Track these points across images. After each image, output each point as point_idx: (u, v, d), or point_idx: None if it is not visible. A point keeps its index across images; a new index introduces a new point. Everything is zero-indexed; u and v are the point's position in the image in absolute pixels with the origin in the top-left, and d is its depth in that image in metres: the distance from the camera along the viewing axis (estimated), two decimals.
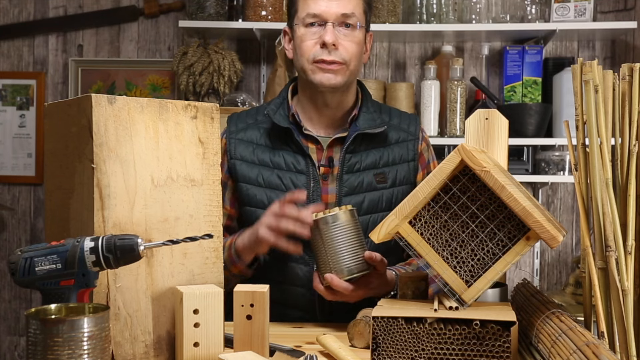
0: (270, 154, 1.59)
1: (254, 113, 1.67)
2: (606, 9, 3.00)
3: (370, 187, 1.58)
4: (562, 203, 3.05)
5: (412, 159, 1.64)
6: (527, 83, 2.84)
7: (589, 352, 0.91)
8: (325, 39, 1.52)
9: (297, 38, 1.58)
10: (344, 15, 1.54)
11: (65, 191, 1.13)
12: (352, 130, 1.58)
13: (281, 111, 1.60)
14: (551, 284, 3.05)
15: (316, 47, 1.54)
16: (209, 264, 1.21)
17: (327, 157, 1.59)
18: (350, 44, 1.55)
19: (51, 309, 0.94)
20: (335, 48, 1.53)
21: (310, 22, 1.55)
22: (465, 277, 1.18)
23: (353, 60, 1.56)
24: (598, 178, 1.07)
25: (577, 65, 1.12)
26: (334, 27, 1.54)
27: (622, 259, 1.04)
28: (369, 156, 1.60)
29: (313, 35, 1.55)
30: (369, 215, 1.58)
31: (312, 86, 1.57)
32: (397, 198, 1.59)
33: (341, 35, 1.54)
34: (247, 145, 1.61)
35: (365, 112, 1.61)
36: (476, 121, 1.39)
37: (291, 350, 1.21)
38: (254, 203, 1.58)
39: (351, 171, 1.58)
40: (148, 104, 1.13)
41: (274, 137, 1.61)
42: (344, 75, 1.55)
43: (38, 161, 3.17)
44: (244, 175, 1.59)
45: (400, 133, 1.64)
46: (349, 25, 1.55)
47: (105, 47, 3.16)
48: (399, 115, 1.68)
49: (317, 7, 1.54)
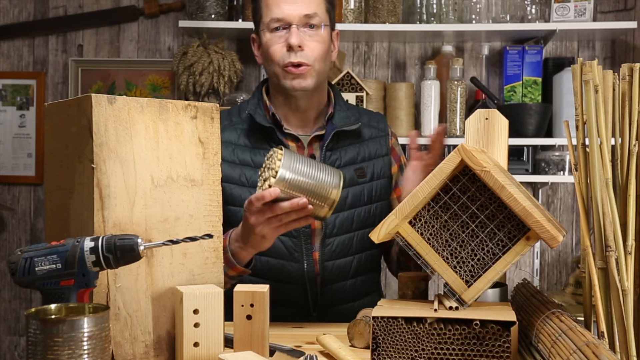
0: (251, 154, 1.61)
1: (226, 115, 1.68)
2: (606, 9, 3.00)
3: (352, 182, 1.62)
4: (562, 203, 3.05)
5: (386, 154, 1.71)
6: (527, 83, 2.84)
7: (589, 352, 0.91)
8: (290, 42, 1.55)
9: (264, 44, 1.61)
10: (306, 16, 1.57)
11: (65, 191, 1.13)
12: (330, 128, 1.62)
13: (259, 111, 1.63)
14: (551, 284, 3.05)
15: (283, 50, 1.57)
16: (209, 264, 1.21)
17: (309, 155, 1.62)
18: (316, 44, 1.58)
19: (51, 309, 0.94)
20: (301, 49, 1.56)
21: (275, 26, 1.58)
22: (465, 277, 1.18)
23: (319, 61, 1.59)
24: (598, 178, 1.07)
25: (577, 65, 1.12)
26: (298, 29, 1.57)
27: (622, 259, 1.04)
28: (348, 152, 1.64)
29: (279, 39, 1.58)
30: (354, 209, 1.62)
31: (284, 90, 1.61)
32: (376, 191, 1.66)
33: (306, 36, 1.58)
34: (225, 146, 1.61)
35: (340, 110, 1.66)
36: (476, 121, 1.39)
37: (291, 350, 1.21)
38: (238, 202, 1.58)
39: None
40: (148, 104, 1.13)
41: (253, 136, 1.63)
42: (312, 77, 1.59)
43: (38, 161, 3.17)
44: (227, 176, 1.60)
45: (372, 130, 1.71)
46: (312, 25, 1.58)
47: (105, 47, 3.16)
48: (367, 114, 1.76)
49: (279, 12, 1.57)
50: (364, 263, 1.65)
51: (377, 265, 1.71)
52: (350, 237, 1.61)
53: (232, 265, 1.47)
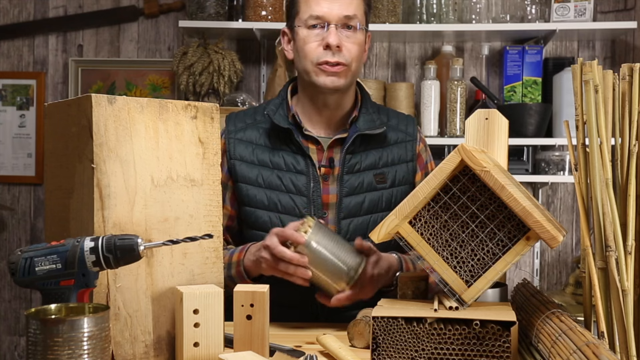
0: (270, 154, 1.59)
1: (252, 113, 1.67)
2: (606, 9, 3.01)
3: (370, 188, 1.59)
4: (562, 203, 3.05)
5: (411, 160, 1.65)
6: (527, 83, 2.84)
7: (589, 352, 0.91)
8: (329, 41, 1.53)
9: (299, 40, 1.58)
10: (346, 17, 1.55)
11: (65, 191, 1.13)
12: (352, 131, 1.59)
13: (281, 111, 1.61)
14: (551, 284, 3.05)
15: (319, 49, 1.55)
16: (209, 264, 1.21)
17: (327, 158, 1.59)
18: (353, 45, 1.56)
19: (51, 309, 0.94)
20: (339, 50, 1.54)
21: (313, 24, 1.55)
22: (465, 277, 1.18)
23: (355, 62, 1.57)
24: (598, 178, 1.07)
25: (577, 65, 1.12)
26: (337, 29, 1.54)
27: (622, 259, 1.04)
28: (369, 157, 1.61)
29: (316, 37, 1.55)
30: (369, 215, 1.59)
31: (314, 87, 1.58)
32: (396, 198, 1.60)
33: (343, 36, 1.55)
34: (246, 145, 1.61)
35: (365, 113, 1.62)
36: (476, 121, 1.39)
37: (291, 350, 1.21)
38: (254, 203, 1.58)
39: (351, 172, 1.59)
40: (148, 104, 1.13)
41: (273, 137, 1.61)
42: (346, 77, 1.57)
43: (38, 161, 3.17)
44: (244, 176, 1.59)
45: (399, 134, 1.66)
46: (350, 27, 1.56)
47: (105, 47, 3.16)
48: (397, 117, 1.70)
49: (319, 9, 1.54)
50: None
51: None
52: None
53: (242, 279, 1.48)
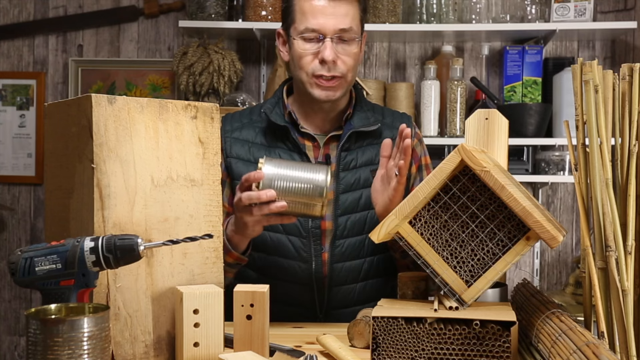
0: (266, 152, 1.60)
1: (248, 113, 1.68)
2: (606, 9, 3.00)
3: (366, 184, 1.59)
4: (562, 203, 3.05)
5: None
6: (527, 83, 2.84)
7: (589, 352, 0.91)
8: (324, 57, 1.52)
9: (294, 51, 1.58)
10: (342, 30, 1.54)
11: (65, 191, 1.13)
12: (347, 129, 1.60)
13: (277, 110, 1.62)
14: (551, 284, 3.05)
15: (315, 62, 1.54)
16: (209, 264, 1.21)
17: (324, 155, 1.61)
18: (348, 57, 1.55)
19: (51, 309, 0.94)
20: (335, 64, 1.54)
21: (309, 37, 1.54)
22: (465, 277, 1.18)
23: (350, 72, 1.57)
24: (598, 178, 1.07)
25: (577, 65, 1.12)
26: (332, 42, 1.53)
27: (622, 259, 1.04)
28: (365, 153, 1.62)
29: (312, 49, 1.55)
30: (367, 211, 1.59)
31: (309, 96, 1.59)
32: None
33: (339, 48, 1.54)
34: (242, 144, 1.61)
35: (359, 111, 1.64)
36: (476, 121, 1.39)
37: (291, 350, 1.21)
38: None
39: (347, 168, 1.59)
40: (148, 104, 1.13)
41: (269, 135, 1.62)
42: (342, 89, 1.58)
43: (38, 161, 3.17)
44: (241, 174, 1.59)
45: (394, 131, 1.65)
46: (346, 40, 1.55)
47: (105, 47, 3.16)
48: (392, 115, 1.71)
49: (315, 22, 1.53)
50: (376, 266, 1.62)
51: (391, 268, 1.65)
52: (361, 239, 1.59)
53: (227, 250, 1.46)
